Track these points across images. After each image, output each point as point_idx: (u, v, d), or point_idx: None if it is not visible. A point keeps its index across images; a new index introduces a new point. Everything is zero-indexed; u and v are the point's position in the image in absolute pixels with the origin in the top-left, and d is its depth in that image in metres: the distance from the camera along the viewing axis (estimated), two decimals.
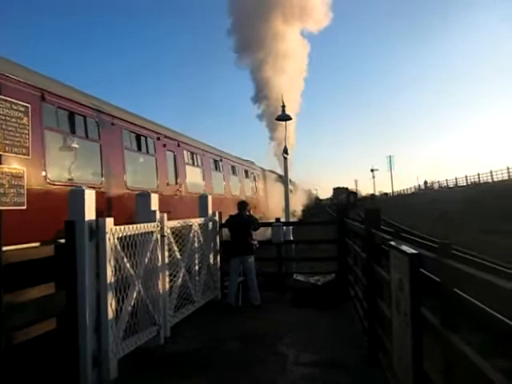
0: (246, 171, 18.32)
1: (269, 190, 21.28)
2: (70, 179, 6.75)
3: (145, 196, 5.90)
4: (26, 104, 3.89)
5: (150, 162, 9.64)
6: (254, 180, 19.73)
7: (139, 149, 9.21)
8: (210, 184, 13.21)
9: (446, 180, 63.49)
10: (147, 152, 9.53)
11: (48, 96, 6.38)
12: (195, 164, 12.41)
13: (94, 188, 5.74)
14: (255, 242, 7.98)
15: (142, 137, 9.21)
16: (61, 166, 6.72)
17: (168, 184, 10.18)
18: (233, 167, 16.18)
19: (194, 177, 12.04)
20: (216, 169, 14.16)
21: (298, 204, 28.55)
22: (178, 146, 11.11)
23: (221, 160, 14.61)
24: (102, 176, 7.49)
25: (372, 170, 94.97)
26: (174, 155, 10.81)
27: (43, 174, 6.09)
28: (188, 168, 11.61)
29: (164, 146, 10.25)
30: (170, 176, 10.42)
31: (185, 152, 11.53)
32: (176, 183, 10.65)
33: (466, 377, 2.19)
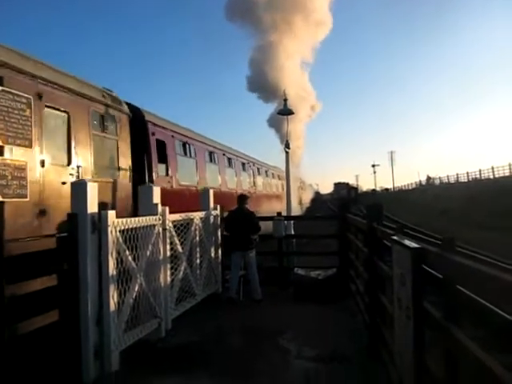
0: (273, 174, 25.08)
1: (275, 184, 26.27)
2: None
3: (147, 188, 5.90)
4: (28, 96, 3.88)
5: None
6: (279, 179, 25.90)
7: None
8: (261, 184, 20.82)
9: (447, 176, 63.20)
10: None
11: (175, 134, 11.02)
12: (247, 172, 18.18)
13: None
14: (255, 237, 7.98)
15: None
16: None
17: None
18: (266, 171, 23.19)
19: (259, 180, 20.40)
20: (259, 174, 20.92)
21: (307, 199, 37.97)
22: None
23: (263, 169, 22.00)
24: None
25: (373, 166, 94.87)
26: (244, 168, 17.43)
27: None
28: (243, 173, 17.41)
29: (224, 155, 14.96)
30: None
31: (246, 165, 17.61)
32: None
33: (468, 370, 2.19)
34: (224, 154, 14.92)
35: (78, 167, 6.87)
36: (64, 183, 6.29)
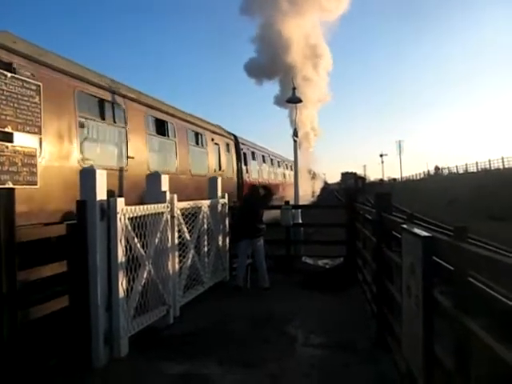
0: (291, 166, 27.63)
1: (301, 177, 28.41)
2: None
3: (155, 176, 5.90)
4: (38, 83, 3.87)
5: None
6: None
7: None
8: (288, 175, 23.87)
9: (456, 166, 62.58)
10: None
11: (249, 148, 16.36)
12: (281, 167, 23.13)
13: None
14: (263, 226, 8.00)
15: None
16: None
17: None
18: (291, 166, 24.45)
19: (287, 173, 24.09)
20: (286, 169, 24.47)
21: (318, 188, 43.06)
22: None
23: (289, 164, 24.10)
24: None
25: (381, 155, 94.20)
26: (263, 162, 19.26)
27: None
28: (279, 169, 22.42)
29: (269, 157, 20.45)
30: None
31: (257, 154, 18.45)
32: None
33: (478, 360, 2.18)
34: (269, 157, 20.49)
35: (223, 171, 12.72)
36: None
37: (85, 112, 6.44)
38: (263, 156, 18.87)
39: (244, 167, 15.26)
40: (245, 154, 15.60)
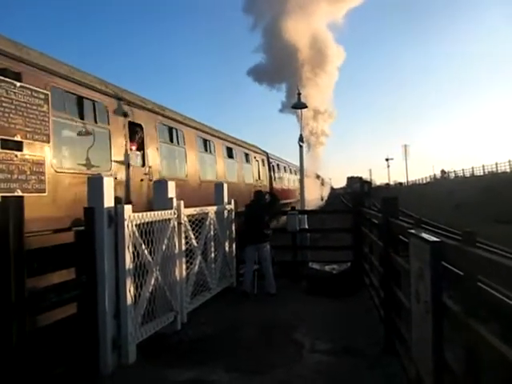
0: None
1: (310, 183, 30.28)
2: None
3: (162, 183, 5.93)
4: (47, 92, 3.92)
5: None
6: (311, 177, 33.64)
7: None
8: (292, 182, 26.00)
9: (463, 169, 62.14)
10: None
11: (275, 160, 21.04)
12: (287, 172, 24.47)
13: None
14: (269, 232, 8.00)
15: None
16: None
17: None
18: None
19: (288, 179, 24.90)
20: (296, 174, 25.49)
21: (326, 193, 47.15)
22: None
23: (297, 170, 25.62)
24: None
25: (387, 160, 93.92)
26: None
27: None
28: (285, 174, 23.44)
29: (289, 168, 24.79)
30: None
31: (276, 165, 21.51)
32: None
33: (488, 365, 2.17)
34: (288, 167, 24.42)
35: (261, 180, 17.33)
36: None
37: (162, 140, 9.20)
38: (284, 167, 23.31)
39: (273, 176, 19.92)
40: (273, 166, 20.06)
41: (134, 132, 8.04)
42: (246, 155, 15.56)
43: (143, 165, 8.15)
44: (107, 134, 7.04)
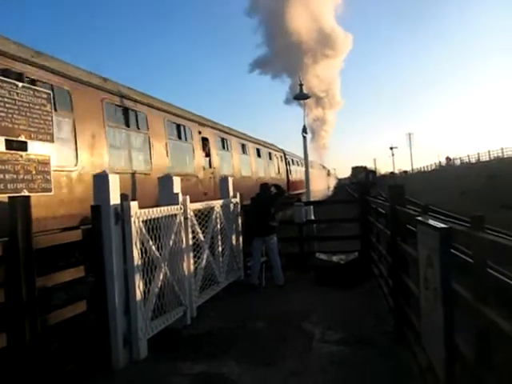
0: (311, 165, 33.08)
1: (316, 174, 33.01)
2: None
3: (167, 179, 5.93)
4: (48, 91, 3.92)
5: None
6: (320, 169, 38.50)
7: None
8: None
9: (468, 156, 61.70)
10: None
11: (290, 156, 24.34)
12: (299, 166, 26.24)
13: None
14: (276, 224, 8.00)
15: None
16: None
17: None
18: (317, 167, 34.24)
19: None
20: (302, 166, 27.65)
21: (332, 183, 49.70)
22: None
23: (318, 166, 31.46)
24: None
25: (391, 148, 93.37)
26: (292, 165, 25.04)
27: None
28: (297, 167, 25.65)
29: (302, 162, 24.39)
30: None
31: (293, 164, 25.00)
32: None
33: (500, 351, 2.16)
34: (300, 161, 25.67)
35: (280, 174, 21.05)
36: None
37: (219, 148, 12.62)
38: (297, 161, 25.94)
39: (289, 169, 22.91)
40: (288, 161, 23.05)
41: (204, 144, 11.37)
42: (269, 154, 19.04)
43: (210, 167, 11.49)
44: (192, 147, 10.66)
